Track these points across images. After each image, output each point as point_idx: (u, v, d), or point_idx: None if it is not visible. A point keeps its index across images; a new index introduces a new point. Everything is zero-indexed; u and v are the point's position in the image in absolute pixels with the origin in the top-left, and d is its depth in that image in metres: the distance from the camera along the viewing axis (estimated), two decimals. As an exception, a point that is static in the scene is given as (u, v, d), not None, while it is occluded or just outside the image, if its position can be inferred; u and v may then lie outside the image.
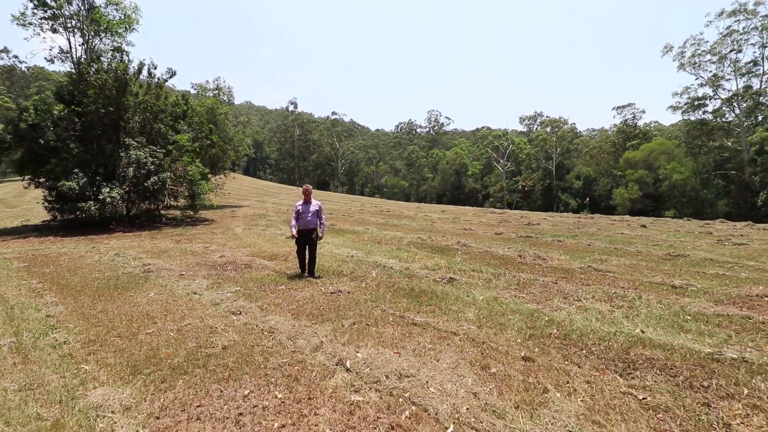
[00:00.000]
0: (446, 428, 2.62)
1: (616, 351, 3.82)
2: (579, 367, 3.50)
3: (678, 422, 2.71)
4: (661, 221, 17.66)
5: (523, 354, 3.76)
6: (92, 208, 14.14)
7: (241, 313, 5.10)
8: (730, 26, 43.96)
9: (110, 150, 15.55)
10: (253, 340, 4.19)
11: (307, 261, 7.01)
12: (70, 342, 4.33)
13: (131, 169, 15.31)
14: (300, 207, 6.87)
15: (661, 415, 2.79)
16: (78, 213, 14.40)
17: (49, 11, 15.73)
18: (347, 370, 3.46)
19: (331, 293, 5.90)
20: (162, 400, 3.05)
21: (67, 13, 16.09)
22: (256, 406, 2.94)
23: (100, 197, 14.32)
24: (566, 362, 3.60)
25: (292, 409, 2.88)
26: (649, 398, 3.00)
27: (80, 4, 16.13)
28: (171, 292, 6.16)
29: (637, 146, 49.02)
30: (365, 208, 24.83)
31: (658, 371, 3.41)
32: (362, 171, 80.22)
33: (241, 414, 2.84)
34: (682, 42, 46.35)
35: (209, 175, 20.61)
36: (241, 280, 6.80)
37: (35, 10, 15.78)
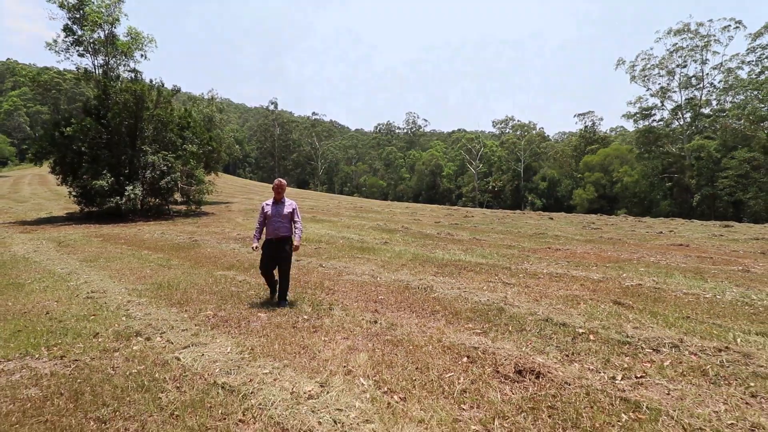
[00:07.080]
0: (359, 276, 7.64)
1: (445, 263, 8.94)
2: (423, 267, 8.59)
3: (443, 277, 7.79)
4: (570, 216, 23.39)
5: (403, 264, 8.83)
6: (119, 202, 18.58)
7: (266, 255, 9.98)
8: (677, 43, 51.03)
9: (130, 155, 20.00)
10: (278, 262, 9.11)
11: (277, 281, 5.99)
12: (185, 264, 9.13)
13: (148, 170, 19.84)
14: (269, 208, 5.82)
15: (437, 270, 7.87)
16: (105, 206, 18.82)
17: (77, 38, 20.04)
18: (322, 267, 8.46)
19: (315, 248, 10.87)
20: (250, 272, 7.96)
21: (91, 39, 20.38)
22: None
23: (125, 194, 18.77)
24: (420, 267, 8.68)
25: (301, 273, 7.85)
26: (434, 270, 8.10)
27: (103, 33, 20.49)
28: (220, 249, 10.98)
29: (596, 151, 55.54)
30: (342, 204, 29.79)
31: (454, 268, 8.53)
32: (342, 170, 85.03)
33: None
34: (635, 56, 53.19)
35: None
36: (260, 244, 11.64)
37: (66, 39, 20.06)
